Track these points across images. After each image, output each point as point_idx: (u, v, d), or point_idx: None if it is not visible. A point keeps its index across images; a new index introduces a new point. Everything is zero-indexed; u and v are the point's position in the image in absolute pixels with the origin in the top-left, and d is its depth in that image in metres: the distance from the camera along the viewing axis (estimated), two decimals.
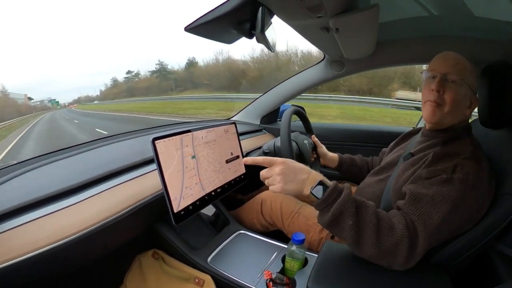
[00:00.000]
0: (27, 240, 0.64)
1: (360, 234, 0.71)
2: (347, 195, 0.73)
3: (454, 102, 0.82)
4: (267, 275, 0.87)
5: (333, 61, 1.66)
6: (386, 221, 0.73)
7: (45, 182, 0.81)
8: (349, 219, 0.71)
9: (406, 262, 0.71)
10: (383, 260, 0.73)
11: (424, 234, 0.70)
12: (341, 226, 0.73)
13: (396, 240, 0.70)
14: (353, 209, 0.72)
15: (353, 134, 1.86)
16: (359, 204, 0.74)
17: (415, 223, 0.72)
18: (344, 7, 0.88)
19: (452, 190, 0.72)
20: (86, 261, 0.85)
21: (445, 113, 0.83)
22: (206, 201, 1.04)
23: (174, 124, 1.66)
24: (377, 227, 0.71)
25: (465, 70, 0.82)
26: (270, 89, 1.92)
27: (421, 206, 0.73)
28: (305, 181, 0.77)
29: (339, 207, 0.72)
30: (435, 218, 0.70)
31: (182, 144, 0.96)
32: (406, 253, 0.70)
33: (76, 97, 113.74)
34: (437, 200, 0.72)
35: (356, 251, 0.74)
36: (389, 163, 1.04)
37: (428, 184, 0.75)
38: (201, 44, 34.63)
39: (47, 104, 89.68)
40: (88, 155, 1.05)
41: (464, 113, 0.85)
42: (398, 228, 0.71)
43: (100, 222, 0.76)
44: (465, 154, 0.77)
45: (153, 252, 1.02)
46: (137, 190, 0.91)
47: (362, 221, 0.72)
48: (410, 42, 1.44)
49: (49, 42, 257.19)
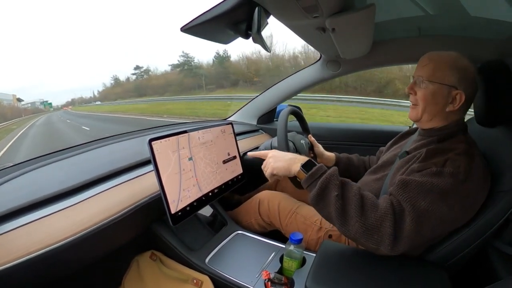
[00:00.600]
0: (21, 243, 0.64)
1: (345, 208, 0.76)
2: (333, 171, 0.82)
3: (425, 100, 0.87)
4: (265, 275, 0.87)
5: (329, 61, 1.67)
6: (370, 199, 0.78)
7: (41, 185, 0.81)
8: (334, 191, 0.78)
9: (393, 244, 0.73)
10: (368, 238, 0.75)
11: (411, 216, 0.72)
12: (327, 199, 0.79)
13: (380, 215, 0.74)
14: (338, 182, 0.79)
15: (350, 133, 1.87)
16: (344, 181, 0.81)
17: (402, 204, 0.74)
18: (340, 7, 0.88)
19: (441, 181, 0.74)
20: (83, 263, 0.85)
21: (420, 111, 0.89)
22: (203, 201, 1.04)
23: (171, 124, 1.66)
24: (361, 202, 0.77)
25: (434, 69, 0.85)
26: (267, 89, 1.93)
27: (409, 190, 0.75)
28: (293, 160, 0.89)
29: (325, 180, 0.80)
30: (422, 204, 0.72)
31: (179, 146, 0.96)
32: (391, 230, 0.72)
33: (70, 99, 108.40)
34: (425, 187, 0.74)
35: (342, 227, 0.77)
36: (386, 161, 1.05)
37: (419, 175, 0.78)
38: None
39: (38, 106, 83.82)
40: (84, 157, 1.05)
41: (445, 109, 0.86)
42: (382, 205, 0.76)
43: (97, 224, 0.75)
44: (457, 150, 0.78)
45: (151, 254, 1.02)
46: (134, 191, 0.90)
47: (347, 196, 0.78)
48: (406, 42, 1.45)
49: (41, 43, 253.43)
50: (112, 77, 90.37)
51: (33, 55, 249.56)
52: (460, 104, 0.83)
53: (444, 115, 0.87)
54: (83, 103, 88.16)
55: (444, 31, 1.34)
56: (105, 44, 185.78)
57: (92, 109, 46.59)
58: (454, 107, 0.85)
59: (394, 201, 0.76)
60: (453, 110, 0.85)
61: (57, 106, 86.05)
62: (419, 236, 0.73)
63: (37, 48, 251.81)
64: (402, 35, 1.43)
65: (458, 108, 0.85)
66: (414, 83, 0.90)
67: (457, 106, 0.84)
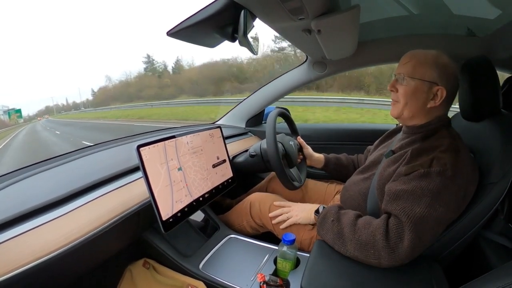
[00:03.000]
0: (11, 257, 0.61)
1: (341, 231, 0.85)
2: (334, 205, 0.96)
3: (405, 97, 0.89)
4: (260, 277, 0.87)
5: (315, 62, 1.68)
6: (364, 219, 0.86)
7: (28, 196, 0.79)
8: (331, 217, 0.90)
9: (392, 256, 0.75)
10: (366, 254, 0.79)
11: (409, 226, 0.74)
12: (326, 226, 0.90)
13: (372, 230, 0.79)
14: (334, 211, 0.92)
15: (337, 133, 1.88)
16: (341, 210, 0.93)
17: (398, 216, 0.76)
18: (325, 9, 0.89)
19: (430, 183, 0.76)
20: (75, 274, 0.83)
21: (401, 107, 0.91)
22: (194, 207, 1.03)
23: (159, 130, 1.64)
24: (355, 222, 0.85)
25: (415, 66, 0.87)
26: (254, 92, 1.93)
27: (402, 202, 0.78)
28: (312, 209, 1.05)
29: (325, 211, 0.95)
30: (417, 211, 0.74)
31: (167, 157, 0.95)
32: (385, 243, 0.75)
33: (44, 107, 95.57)
34: (417, 194, 0.76)
35: (341, 248, 0.84)
36: (373, 161, 1.07)
37: (407, 180, 0.79)
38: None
39: (0, 116, 55.87)
40: (71, 166, 1.03)
41: (426, 105, 0.88)
42: (375, 222, 0.82)
43: (87, 234, 0.73)
44: (442, 147, 0.80)
45: (144, 262, 1.00)
46: (124, 199, 0.88)
47: (342, 221, 0.88)
48: (391, 41, 1.48)
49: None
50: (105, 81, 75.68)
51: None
52: (441, 100, 0.86)
53: (426, 111, 0.89)
54: (62, 111, 77.22)
55: (428, 30, 1.37)
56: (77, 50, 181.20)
57: (74, 116, 42.22)
58: (435, 103, 0.87)
59: (390, 216, 0.80)
60: (434, 106, 0.87)
61: (28, 116, 70.73)
62: (421, 242, 0.75)
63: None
64: (387, 35, 1.46)
65: (440, 104, 0.87)
66: (395, 81, 0.92)
67: (438, 102, 0.86)
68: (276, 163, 1.15)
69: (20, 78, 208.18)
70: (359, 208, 0.98)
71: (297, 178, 1.33)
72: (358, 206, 0.99)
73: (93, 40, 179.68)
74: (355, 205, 1.00)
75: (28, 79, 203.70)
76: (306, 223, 1.06)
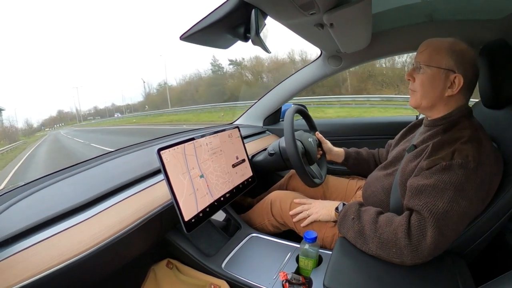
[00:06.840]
0: (40, 259, 0.64)
1: (362, 229, 0.84)
2: (354, 202, 0.94)
3: (422, 86, 0.88)
4: (282, 276, 0.87)
5: (330, 57, 1.66)
6: (386, 216, 0.84)
7: (54, 201, 0.82)
8: (351, 215, 0.89)
9: (415, 253, 0.73)
10: (388, 253, 0.77)
11: (431, 222, 0.72)
12: (347, 224, 0.89)
13: (394, 228, 0.77)
14: (354, 209, 0.90)
15: (357, 127, 1.85)
16: (362, 207, 0.91)
17: (421, 212, 0.74)
18: (336, 2, 0.88)
19: (452, 176, 0.73)
20: (100, 275, 0.85)
21: (419, 97, 0.89)
22: (216, 207, 1.04)
23: (178, 133, 1.67)
24: (376, 220, 0.83)
25: (431, 54, 0.85)
26: (269, 91, 1.93)
27: (424, 197, 0.75)
28: (332, 206, 1.04)
29: (345, 208, 0.93)
30: (440, 206, 0.72)
31: (188, 167, 0.97)
32: (407, 242, 0.73)
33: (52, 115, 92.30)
34: (439, 188, 0.74)
35: (363, 246, 0.83)
36: (395, 157, 1.04)
37: (429, 174, 0.77)
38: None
39: None
40: (94, 171, 1.06)
41: (444, 94, 0.85)
42: (397, 219, 0.79)
43: (112, 236, 0.76)
44: (463, 139, 0.78)
45: (167, 262, 1.02)
46: (146, 201, 0.91)
47: (363, 218, 0.86)
48: (405, 30, 1.44)
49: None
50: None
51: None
52: (459, 87, 0.82)
53: (444, 100, 0.86)
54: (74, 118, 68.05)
55: (444, 15, 1.33)
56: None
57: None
58: (453, 91, 0.84)
59: (412, 212, 0.78)
60: (452, 95, 0.84)
61: (29, 124, 62.99)
62: (444, 238, 0.73)
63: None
64: (401, 24, 1.42)
65: (459, 93, 0.84)
66: (413, 70, 0.91)
67: (456, 90, 0.83)
68: (296, 162, 1.14)
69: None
70: (382, 204, 0.96)
71: (317, 175, 1.31)
72: (381, 202, 0.97)
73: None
74: (378, 201, 0.98)
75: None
76: (327, 220, 1.05)
